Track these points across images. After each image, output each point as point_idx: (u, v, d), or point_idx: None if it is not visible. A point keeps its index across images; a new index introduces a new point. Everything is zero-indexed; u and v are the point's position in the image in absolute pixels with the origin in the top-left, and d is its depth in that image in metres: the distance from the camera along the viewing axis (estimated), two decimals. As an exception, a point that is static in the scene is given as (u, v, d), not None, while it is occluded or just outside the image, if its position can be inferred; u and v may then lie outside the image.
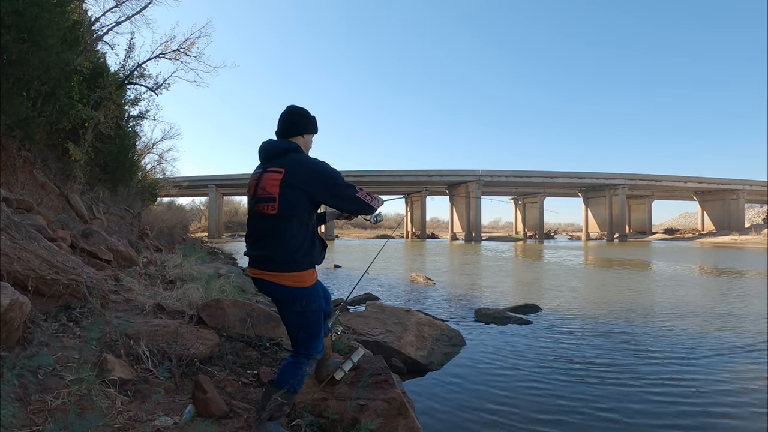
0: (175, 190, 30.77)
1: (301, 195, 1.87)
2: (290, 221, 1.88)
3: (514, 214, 69.37)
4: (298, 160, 1.93)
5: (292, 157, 1.94)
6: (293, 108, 2.08)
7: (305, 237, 1.92)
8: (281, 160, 1.93)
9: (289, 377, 1.95)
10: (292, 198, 1.87)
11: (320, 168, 1.93)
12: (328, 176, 1.91)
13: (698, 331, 5.44)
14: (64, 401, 1.87)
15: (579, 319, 6.17)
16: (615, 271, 13.91)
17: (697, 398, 3.30)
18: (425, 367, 3.95)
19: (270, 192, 1.89)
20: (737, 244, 36.92)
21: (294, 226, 1.89)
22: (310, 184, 1.88)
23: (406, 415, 2.24)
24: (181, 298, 3.92)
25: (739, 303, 7.54)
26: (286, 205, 1.87)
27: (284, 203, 1.87)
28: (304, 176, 1.88)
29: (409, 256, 21.76)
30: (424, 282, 10.17)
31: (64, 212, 8.10)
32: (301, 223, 1.91)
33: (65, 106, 8.66)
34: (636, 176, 51.20)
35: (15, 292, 2.10)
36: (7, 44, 6.14)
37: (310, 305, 1.95)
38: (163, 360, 2.47)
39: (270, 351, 3.05)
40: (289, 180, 1.87)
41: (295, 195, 1.87)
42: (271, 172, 1.91)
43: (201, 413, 2.05)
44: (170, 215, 24.27)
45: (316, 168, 1.92)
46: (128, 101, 13.19)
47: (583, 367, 4.02)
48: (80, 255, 4.93)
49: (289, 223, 1.88)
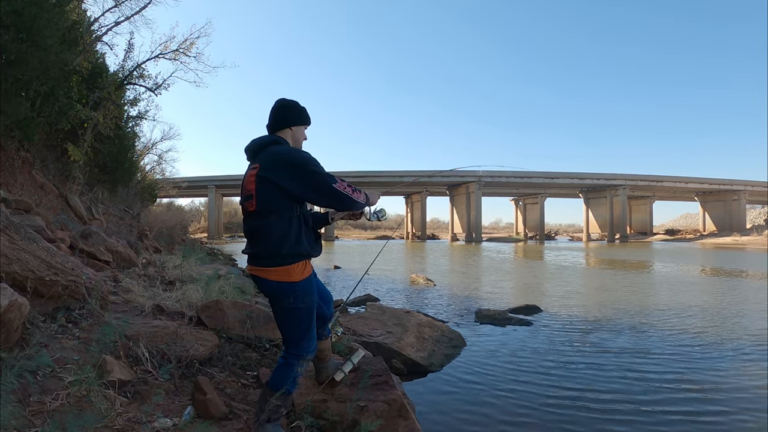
0: (175, 190, 30.76)
1: (273, 188, 1.82)
2: (269, 216, 1.84)
3: (515, 214, 69.39)
4: (273, 152, 1.87)
5: (268, 150, 1.90)
6: (281, 101, 2.05)
7: (289, 231, 1.85)
8: (259, 156, 1.91)
9: (282, 379, 1.93)
10: (266, 192, 1.83)
11: (292, 157, 1.85)
12: (299, 164, 1.82)
13: (699, 332, 5.43)
14: (64, 402, 1.87)
15: (580, 320, 6.16)
16: (616, 272, 13.90)
17: (699, 399, 3.29)
18: (425, 368, 3.94)
19: (249, 189, 1.87)
20: (739, 245, 36.90)
21: (274, 221, 1.84)
22: (280, 175, 1.80)
23: (407, 416, 2.23)
24: (181, 299, 3.91)
25: (741, 303, 7.53)
26: (262, 201, 1.84)
27: (261, 199, 1.84)
28: (274, 167, 1.82)
29: (410, 256, 21.75)
30: (425, 283, 10.15)
31: (63, 213, 8.09)
32: (282, 216, 1.84)
33: (64, 107, 8.66)
34: (637, 177, 51.21)
35: (14, 293, 2.09)
36: (6, 44, 6.13)
37: (299, 302, 1.89)
38: (163, 361, 2.46)
39: (270, 352, 3.04)
40: (262, 174, 1.83)
41: (269, 189, 1.82)
42: (251, 169, 1.89)
43: (200, 415, 2.04)
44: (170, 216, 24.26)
45: (288, 157, 1.85)
46: (127, 101, 13.17)
47: (584, 368, 4.01)
48: (79, 256, 4.93)
49: (269, 218, 1.84)
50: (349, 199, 1.88)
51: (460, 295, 8.61)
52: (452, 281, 11.18)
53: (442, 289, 9.54)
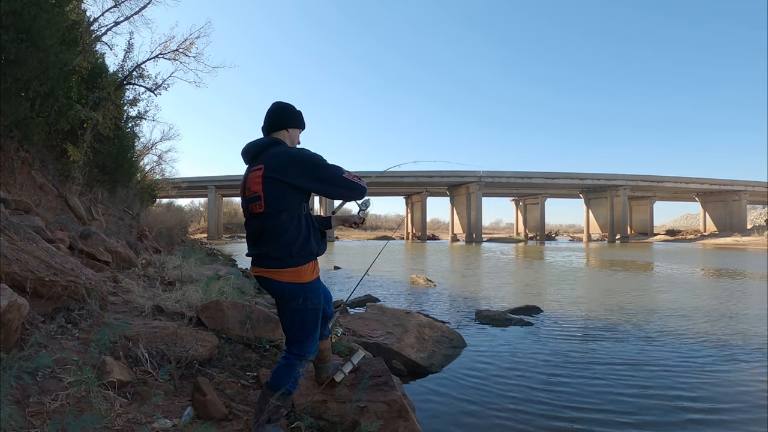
0: (174, 191, 30.79)
1: (284, 187, 1.83)
2: (279, 216, 1.84)
3: (515, 215, 69.38)
4: (276, 153, 1.89)
5: (271, 150, 1.91)
6: (278, 104, 2.07)
7: (299, 230, 1.87)
8: (262, 157, 1.91)
9: (283, 379, 1.93)
10: (275, 192, 1.83)
11: (299, 154, 1.87)
12: (307, 160, 1.84)
13: (700, 333, 5.42)
14: (63, 403, 1.86)
15: (580, 321, 6.15)
16: (617, 272, 13.90)
17: (700, 400, 3.28)
18: (426, 369, 3.93)
19: (255, 191, 1.87)
20: (739, 246, 36.89)
21: (284, 221, 1.85)
22: (291, 174, 1.82)
23: (407, 417, 2.22)
24: (180, 299, 3.90)
25: (741, 305, 7.52)
26: (271, 201, 1.84)
27: (269, 199, 1.84)
28: (283, 167, 1.83)
29: (410, 257, 21.74)
30: (425, 283, 10.15)
31: (63, 213, 8.08)
32: (292, 216, 1.86)
33: (64, 107, 8.66)
34: (637, 177, 51.20)
35: (13, 294, 2.08)
36: (6, 44, 6.13)
37: (307, 303, 1.91)
38: (162, 362, 2.45)
39: (270, 353, 3.03)
40: (269, 175, 1.83)
41: (279, 188, 1.83)
42: (254, 171, 1.89)
43: (200, 415, 2.04)
44: (169, 216, 24.22)
45: (295, 155, 1.87)
46: (127, 102, 13.18)
47: (585, 369, 4.00)
48: (79, 256, 4.92)
49: (279, 218, 1.84)
50: (359, 186, 1.92)
51: (460, 296, 8.61)
52: (452, 282, 11.17)
53: (443, 289, 9.53)
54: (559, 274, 12.94)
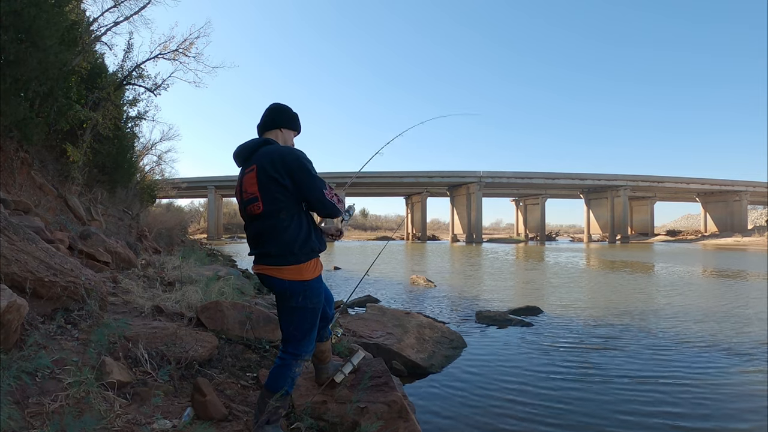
0: (174, 191, 30.79)
1: (278, 186, 1.83)
2: (279, 215, 1.84)
3: (516, 215, 69.35)
4: (268, 151, 1.89)
5: (262, 150, 1.91)
6: (274, 104, 2.10)
7: (299, 227, 1.87)
8: (253, 157, 1.92)
9: (280, 380, 1.92)
10: (270, 191, 1.83)
11: (288, 153, 1.87)
12: (292, 160, 1.84)
13: (701, 333, 5.42)
14: (62, 404, 1.85)
15: (581, 321, 6.14)
16: (617, 273, 13.89)
17: (702, 401, 3.28)
18: (426, 369, 3.92)
19: (252, 192, 1.87)
20: (740, 246, 36.88)
21: (284, 219, 1.85)
22: (279, 170, 1.82)
23: (407, 418, 2.22)
24: (180, 300, 3.90)
25: (742, 305, 7.52)
26: (269, 201, 1.84)
27: (267, 199, 1.84)
28: (272, 164, 1.83)
29: (410, 257, 21.73)
30: (425, 284, 10.14)
31: (62, 214, 8.08)
32: (291, 214, 1.86)
33: (63, 107, 8.66)
34: (638, 177, 51.18)
35: (13, 294, 2.08)
36: (5, 44, 6.13)
37: (307, 301, 1.90)
38: (162, 362, 2.45)
39: (269, 354, 3.03)
40: (261, 174, 1.84)
41: (273, 187, 1.83)
42: (248, 172, 1.89)
43: (200, 416, 2.03)
44: (169, 217, 24.19)
45: (283, 154, 1.86)
46: (127, 102, 13.18)
47: (585, 369, 3.99)
48: (78, 257, 4.92)
49: (278, 217, 1.84)
50: (334, 208, 1.91)
51: (460, 296, 8.60)
52: (453, 282, 11.16)
53: (443, 290, 9.53)
54: (560, 275, 12.93)
